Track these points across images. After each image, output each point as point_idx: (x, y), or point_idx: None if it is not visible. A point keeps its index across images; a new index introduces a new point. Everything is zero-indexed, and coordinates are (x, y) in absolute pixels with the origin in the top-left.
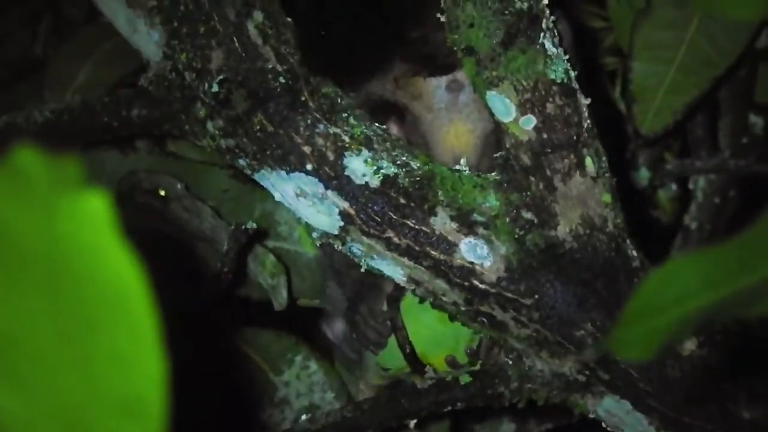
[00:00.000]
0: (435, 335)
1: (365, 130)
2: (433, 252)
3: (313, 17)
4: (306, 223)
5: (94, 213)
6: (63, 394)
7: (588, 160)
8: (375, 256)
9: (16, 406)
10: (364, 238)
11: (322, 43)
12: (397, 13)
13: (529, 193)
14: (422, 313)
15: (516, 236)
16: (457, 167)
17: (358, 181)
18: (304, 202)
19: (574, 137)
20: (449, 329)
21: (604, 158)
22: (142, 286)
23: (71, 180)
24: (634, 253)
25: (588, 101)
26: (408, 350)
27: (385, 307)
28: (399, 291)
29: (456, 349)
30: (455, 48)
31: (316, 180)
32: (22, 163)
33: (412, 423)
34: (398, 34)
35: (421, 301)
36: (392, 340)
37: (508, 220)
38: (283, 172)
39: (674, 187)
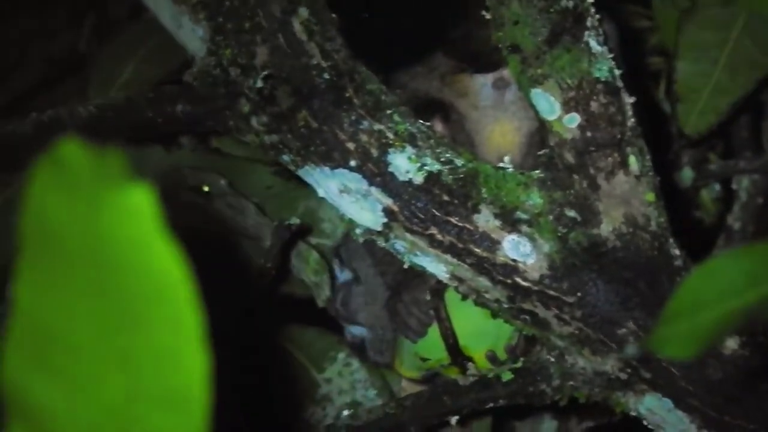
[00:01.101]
0: (478, 329)
1: (409, 127)
2: (476, 249)
3: (358, 14)
4: (350, 219)
5: (139, 207)
6: (105, 388)
7: (632, 159)
8: (418, 252)
9: (59, 399)
10: (408, 235)
11: (367, 40)
12: (443, 10)
13: (572, 191)
14: (466, 306)
15: (559, 234)
16: (501, 165)
17: (401, 178)
18: (348, 199)
19: (618, 136)
20: (492, 324)
21: (647, 157)
22: (187, 281)
23: (116, 173)
24: (677, 252)
25: (632, 100)
26: (451, 342)
27: (428, 297)
28: (443, 283)
29: (497, 345)
30: (500, 45)
31: (360, 176)
32: (67, 156)
33: (454, 420)
34: (444, 30)
35: (464, 298)
36: (433, 330)
37: (551, 218)
38: (327, 169)
39: (718, 187)
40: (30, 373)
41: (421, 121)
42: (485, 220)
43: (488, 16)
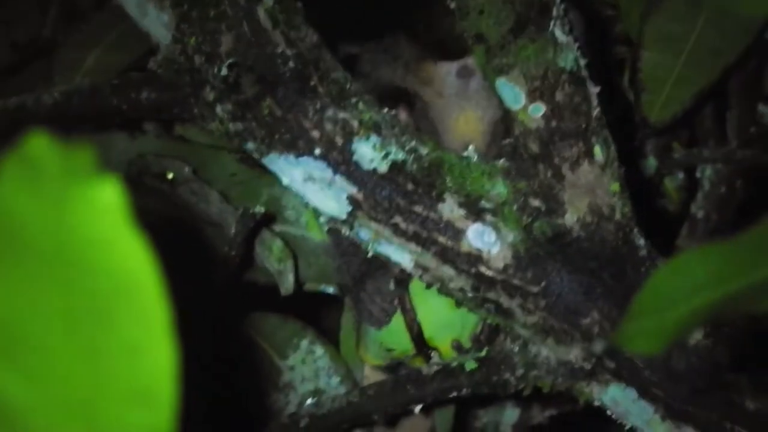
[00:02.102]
0: (443, 320)
1: (374, 116)
2: (440, 238)
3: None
4: (314, 208)
5: (106, 202)
6: (71, 383)
7: (597, 149)
8: (382, 241)
9: (24, 395)
10: (372, 224)
11: (329, 27)
12: None
13: (537, 181)
14: (431, 296)
15: (523, 224)
16: (466, 154)
17: (366, 167)
18: (312, 187)
19: (583, 126)
20: (457, 314)
21: (612, 147)
22: (155, 276)
23: (84, 168)
24: (642, 242)
25: (597, 90)
26: (416, 332)
27: (392, 287)
28: (407, 272)
29: (462, 335)
30: (465, 35)
31: (325, 165)
32: (34, 151)
33: (417, 409)
34: (408, 17)
35: (428, 287)
36: (398, 320)
37: (515, 207)
38: (291, 157)
39: (681, 176)
40: None
41: (386, 110)
42: (450, 209)
43: (452, 5)
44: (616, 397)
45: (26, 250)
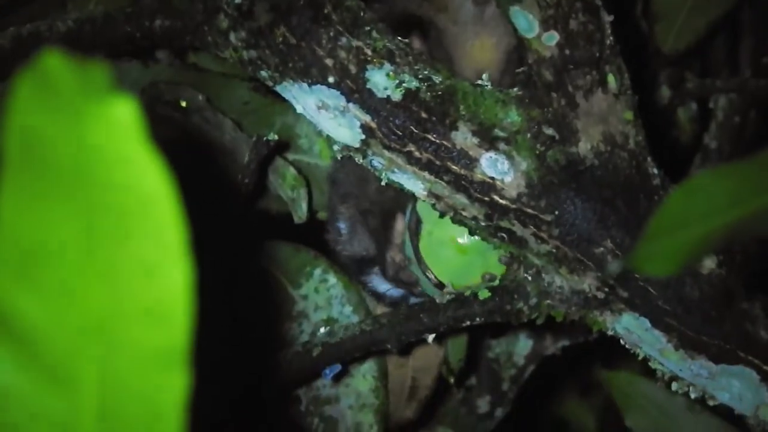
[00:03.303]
0: (460, 266)
1: (388, 44)
2: (453, 167)
3: None
4: (327, 136)
5: (122, 119)
6: (88, 302)
7: (610, 77)
8: (396, 169)
9: (43, 313)
10: (385, 152)
11: None
12: None
13: (550, 109)
14: (440, 249)
15: (537, 152)
16: (479, 82)
17: (379, 95)
18: (326, 115)
19: (597, 54)
20: (472, 255)
21: (626, 76)
22: (171, 193)
23: (99, 86)
24: (655, 171)
25: (611, 18)
26: (435, 283)
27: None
28: (418, 222)
29: (488, 266)
30: None
31: (338, 93)
32: (49, 69)
33: (431, 337)
34: None
35: (441, 215)
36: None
37: (529, 135)
38: (305, 85)
39: (694, 106)
40: (14, 286)
41: (400, 38)
42: (463, 137)
43: None
44: (629, 327)
45: (44, 167)
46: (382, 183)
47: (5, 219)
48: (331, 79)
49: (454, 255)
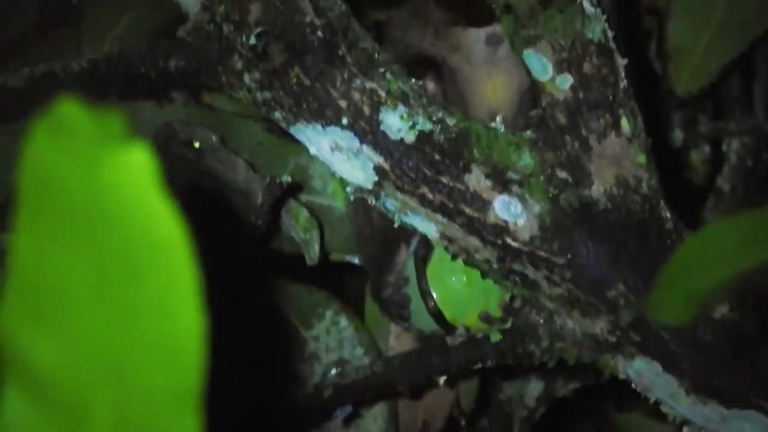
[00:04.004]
0: (463, 297)
1: (402, 86)
2: (466, 209)
3: None
4: (340, 177)
5: (138, 165)
6: (101, 343)
7: (624, 121)
8: (408, 211)
9: (55, 352)
10: (398, 194)
11: None
12: None
13: (564, 152)
14: (448, 277)
15: (550, 195)
16: (493, 125)
17: (393, 137)
18: (339, 157)
19: (611, 97)
20: (477, 290)
21: (639, 119)
22: (184, 238)
23: (115, 132)
24: (668, 214)
25: (625, 61)
26: (437, 314)
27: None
28: (426, 251)
29: (488, 305)
30: (493, 6)
31: (352, 134)
32: (65, 115)
33: (442, 380)
34: None
35: (454, 258)
36: (422, 305)
37: (542, 178)
38: (318, 126)
39: (707, 148)
40: (27, 326)
41: (414, 80)
42: (476, 180)
43: None
44: (641, 370)
45: (59, 209)
46: (395, 225)
47: (19, 261)
48: (344, 121)
49: (461, 286)
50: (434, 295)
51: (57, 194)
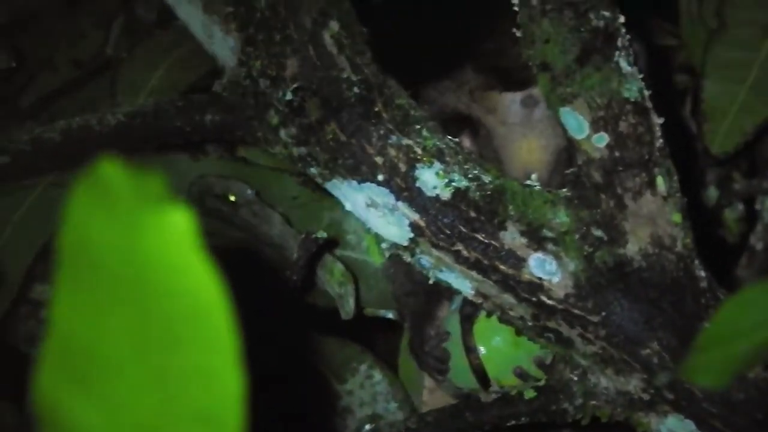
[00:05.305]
0: (507, 357)
1: (437, 143)
2: (501, 266)
3: (389, 27)
4: (376, 233)
5: (177, 228)
6: (141, 408)
7: (659, 180)
8: (443, 268)
9: (94, 417)
10: (434, 251)
11: (397, 52)
12: (474, 26)
13: (599, 210)
14: (493, 335)
15: (585, 253)
16: (528, 182)
17: (429, 193)
18: (375, 213)
19: (646, 156)
20: (522, 351)
21: (675, 178)
22: (224, 303)
23: (155, 194)
24: (702, 273)
25: (661, 121)
26: (480, 372)
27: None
28: (472, 309)
29: (524, 361)
30: (530, 63)
31: (387, 191)
32: (105, 175)
33: None
34: (475, 46)
35: (488, 315)
36: (464, 360)
37: (577, 236)
38: (354, 182)
39: (741, 206)
40: (65, 390)
41: (449, 137)
42: (511, 237)
43: (519, 34)
44: (674, 428)
45: (98, 272)
46: (430, 281)
47: (58, 321)
48: (380, 177)
49: (506, 346)
50: (479, 352)
51: (97, 256)
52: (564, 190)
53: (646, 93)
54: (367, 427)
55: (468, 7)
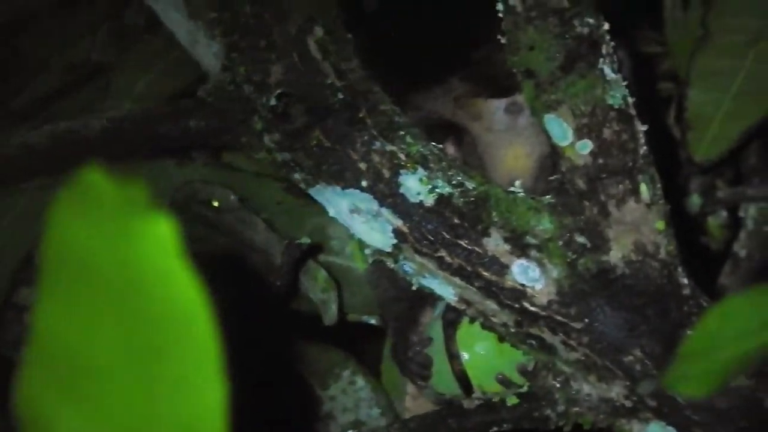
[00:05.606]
0: (490, 364)
1: (421, 149)
2: (484, 273)
3: (375, 34)
4: (359, 239)
5: (160, 236)
6: (126, 414)
7: (643, 187)
8: (427, 274)
9: (78, 424)
10: (417, 257)
11: (383, 59)
12: (460, 33)
13: (582, 217)
14: (476, 342)
15: (568, 260)
16: (512, 189)
17: (412, 200)
18: (358, 219)
19: (630, 163)
20: (506, 358)
21: (658, 185)
22: (206, 311)
23: (138, 202)
24: (686, 280)
25: (645, 128)
26: (463, 379)
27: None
28: (455, 315)
29: (510, 372)
30: (515, 70)
31: (371, 197)
32: (90, 183)
33: None
34: (460, 53)
35: (471, 321)
36: (446, 366)
37: (561, 243)
38: (338, 188)
39: (725, 214)
40: (48, 397)
41: (434, 144)
42: (495, 243)
43: (503, 41)
44: None
45: (83, 280)
46: (413, 288)
47: (41, 328)
48: (364, 183)
49: (488, 352)
50: (462, 359)
51: (80, 264)
52: (548, 196)
53: (630, 100)
54: None
55: (455, 15)
